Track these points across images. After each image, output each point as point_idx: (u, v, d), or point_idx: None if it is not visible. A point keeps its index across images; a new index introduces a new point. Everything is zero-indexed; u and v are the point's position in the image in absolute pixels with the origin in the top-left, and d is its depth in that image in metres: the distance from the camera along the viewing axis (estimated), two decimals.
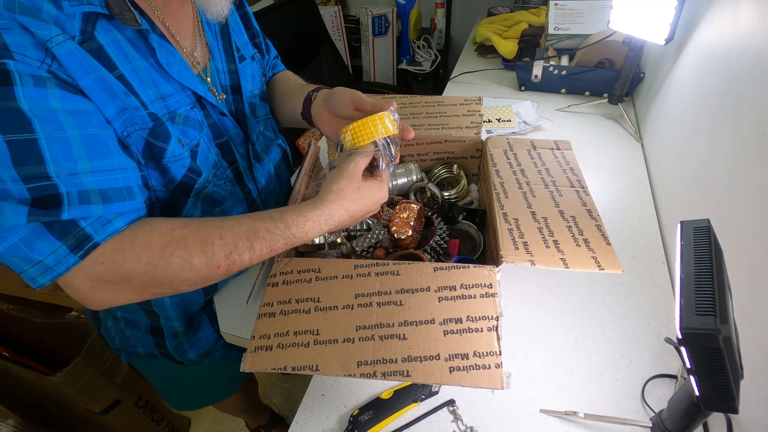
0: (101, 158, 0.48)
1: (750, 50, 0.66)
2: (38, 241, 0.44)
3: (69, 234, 0.45)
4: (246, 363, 0.48)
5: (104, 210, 0.47)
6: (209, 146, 0.63)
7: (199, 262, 0.49)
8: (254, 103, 0.74)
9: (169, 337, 0.74)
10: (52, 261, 0.45)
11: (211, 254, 0.49)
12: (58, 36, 0.45)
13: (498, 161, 0.74)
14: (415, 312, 0.51)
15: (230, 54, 0.69)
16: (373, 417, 0.58)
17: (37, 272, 0.45)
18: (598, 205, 0.65)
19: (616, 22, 1.03)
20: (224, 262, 0.50)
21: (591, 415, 0.58)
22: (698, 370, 0.41)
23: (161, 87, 0.55)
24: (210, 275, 0.50)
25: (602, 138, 1.10)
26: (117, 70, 0.51)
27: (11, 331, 1.14)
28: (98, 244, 0.46)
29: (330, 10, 2.02)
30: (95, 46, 0.49)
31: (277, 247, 0.52)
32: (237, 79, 0.69)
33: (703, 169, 0.76)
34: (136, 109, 0.52)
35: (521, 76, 1.28)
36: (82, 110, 0.47)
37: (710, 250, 0.42)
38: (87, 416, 1.18)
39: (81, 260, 0.46)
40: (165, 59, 0.55)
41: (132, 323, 0.74)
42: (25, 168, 0.43)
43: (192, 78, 0.59)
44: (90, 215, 0.46)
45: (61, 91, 0.45)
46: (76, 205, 0.45)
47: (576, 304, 0.73)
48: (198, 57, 0.64)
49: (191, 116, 0.59)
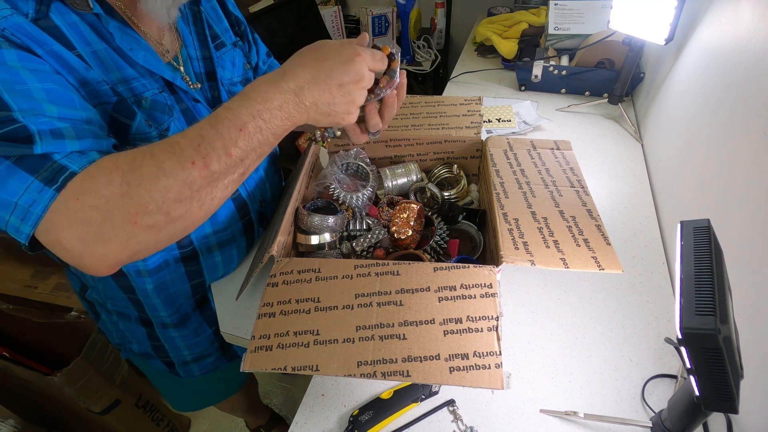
0: (67, 108, 0.46)
1: (750, 50, 0.66)
2: (9, 180, 0.42)
3: (41, 168, 0.42)
4: (246, 363, 0.48)
5: (79, 145, 0.44)
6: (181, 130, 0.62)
7: (171, 163, 0.43)
8: (234, 91, 0.72)
9: (158, 327, 0.74)
10: (26, 200, 0.42)
11: (179, 152, 0.44)
12: (4, 9, 0.45)
13: (498, 161, 0.74)
14: (415, 312, 0.51)
15: (204, 40, 0.68)
16: (373, 417, 0.58)
17: (18, 219, 0.42)
18: (598, 205, 0.65)
19: (616, 22, 1.03)
20: (196, 156, 0.44)
21: (591, 415, 0.58)
22: (698, 370, 0.41)
23: (124, 71, 0.54)
24: (190, 177, 0.44)
25: (602, 138, 1.10)
26: (75, 50, 0.49)
27: (11, 331, 1.14)
28: (75, 173, 0.42)
29: (330, 10, 2.02)
30: (51, 25, 0.48)
31: (244, 120, 0.46)
32: (212, 65, 0.68)
33: (703, 169, 0.76)
34: (98, 84, 0.51)
35: (521, 76, 1.28)
36: (42, 69, 0.46)
37: (710, 250, 0.42)
38: (87, 416, 1.19)
39: (57, 193, 0.42)
40: (127, 45, 0.54)
41: (123, 315, 0.74)
42: None
43: (159, 64, 0.57)
44: (65, 149, 0.44)
45: (17, 51, 0.44)
46: (49, 139, 0.43)
47: (576, 304, 0.73)
48: (167, 45, 0.63)
49: (159, 100, 0.58)
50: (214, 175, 0.45)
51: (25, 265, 1.26)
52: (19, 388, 1.13)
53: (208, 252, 0.72)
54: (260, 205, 0.80)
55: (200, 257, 0.72)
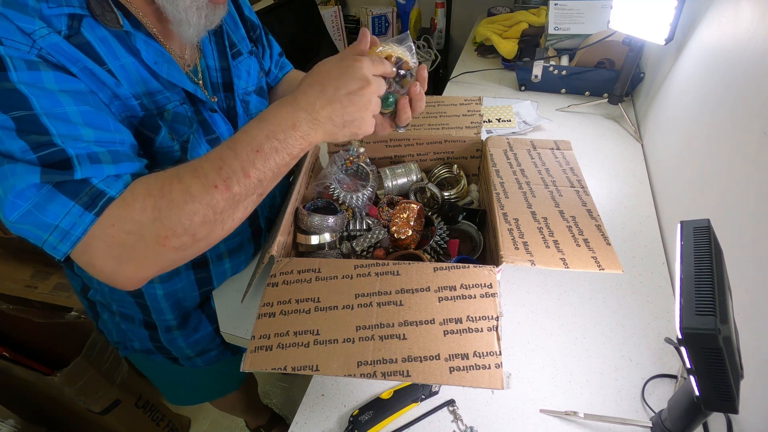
0: (102, 131, 0.48)
1: (750, 50, 0.66)
2: (50, 204, 0.43)
3: (81, 192, 0.44)
4: (246, 363, 0.48)
5: (116, 169, 0.47)
6: (199, 142, 0.63)
7: (197, 188, 0.46)
8: (247, 100, 0.73)
9: (162, 330, 0.74)
10: (67, 223, 0.44)
11: (203, 176, 0.47)
12: (41, 29, 0.46)
13: (498, 161, 0.74)
14: (415, 312, 0.51)
15: (223, 51, 0.69)
16: (373, 417, 0.58)
17: (57, 239, 0.44)
18: (598, 205, 0.65)
19: (616, 22, 1.03)
20: (219, 179, 0.46)
21: (591, 415, 0.58)
22: (698, 370, 0.41)
23: (149, 84, 0.56)
24: (214, 201, 0.47)
25: (602, 138, 1.10)
26: (105, 65, 0.51)
27: (11, 331, 1.14)
28: (113, 198, 0.45)
29: (330, 10, 2.02)
30: (83, 41, 0.49)
31: (260, 141, 0.48)
32: (229, 76, 0.69)
33: (703, 169, 0.76)
34: (127, 99, 0.53)
35: (521, 76, 1.28)
36: (78, 90, 0.48)
37: (710, 250, 0.42)
38: (87, 416, 1.19)
39: (97, 218, 0.44)
40: (152, 58, 0.55)
41: (127, 317, 0.74)
42: (31, 137, 0.43)
43: (181, 76, 0.59)
44: (102, 174, 0.46)
45: (54, 73, 0.46)
46: (88, 164, 0.45)
47: (576, 304, 0.73)
48: (187, 58, 0.65)
49: (180, 112, 0.60)
50: (236, 197, 0.48)
51: (25, 265, 1.26)
52: (19, 388, 1.13)
53: (218, 260, 0.73)
54: (269, 211, 0.80)
55: (210, 265, 0.72)
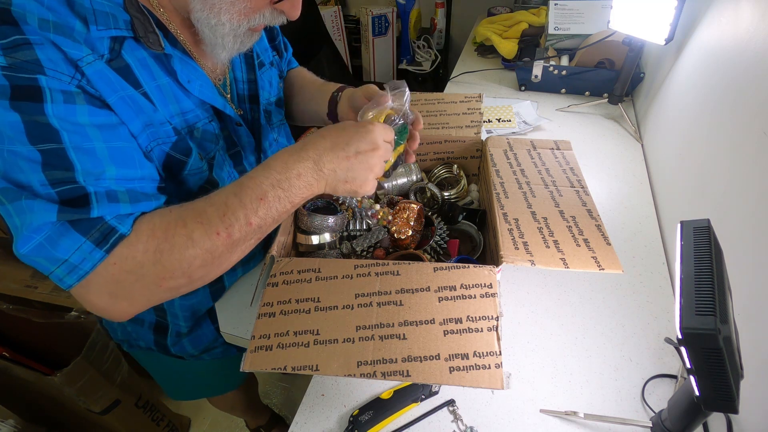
0: (126, 168, 0.49)
1: (750, 50, 0.66)
2: (63, 239, 0.44)
3: (93, 228, 0.45)
4: (246, 363, 0.48)
5: (131, 209, 0.48)
6: (224, 158, 0.64)
7: (199, 233, 0.47)
8: (270, 110, 0.74)
9: (171, 335, 0.74)
10: (77, 258, 0.44)
11: (207, 222, 0.48)
12: (88, 56, 0.47)
13: (498, 161, 0.74)
14: (415, 312, 0.51)
15: (251, 64, 0.70)
16: (373, 417, 0.58)
17: (64, 272, 0.45)
18: (598, 205, 0.65)
19: (616, 22, 1.03)
20: (221, 226, 0.48)
21: (591, 415, 0.58)
22: (698, 370, 0.41)
23: (182, 103, 0.57)
24: (214, 246, 0.48)
25: (602, 138, 1.10)
26: (141, 88, 0.52)
27: (11, 331, 1.14)
28: (124, 235, 0.46)
29: (330, 10, 2.02)
30: (122, 65, 0.50)
31: (265, 189, 0.49)
32: (256, 88, 0.70)
33: (703, 169, 0.76)
34: (162, 125, 0.54)
35: (521, 76, 1.28)
36: (109, 124, 0.48)
37: (710, 250, 0.42)
38: (87, 416, 1.19)
39: (107, 255, 0.45)
40: (186, 77, 0.56)
41: (135, 319, 0.74)
42: (53, 173, 0.44)
43: (212, 93, 0.60)
44: (117, 212, 0.46)
45: (89, 107, 0.47)
46: (105, 203, 0.46)
47: (576, 304, 0.73)
48: (219, 72, 0.66)
49: (209, 130, 0.61)
50: (235, 243, 0.49)
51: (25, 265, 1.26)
52: (19, 388, 1.13)
53: (233, 270, 0.74)
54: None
55: (224, 276, 0.73)
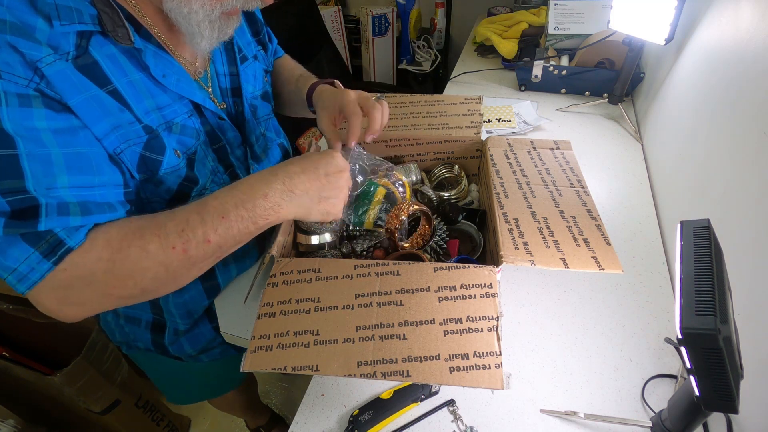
0: (82, 174, 0.47)
1: (750, 50, 0.66)
2: (11, 249, 0.44)
3: (42, 240, 0.44)
4: (246, 363, 0.48)
5: (81, 221, 0.46)
6: (206, 153, 0.63)
7: (155, 246, 0.47)
8: (255, 104, 0.73)
9: (169, 333, 0.74)
10: (25, 268, 0.44)
11: (164, 235, 0.47)
12: (48, 56, 0.45)
13: (498, 161, 0.74)
14: (415, 312, 0.51)
15: (232, 56, 0.68)
16: (373, 417, 0.58)
17: (15, 280, 0.45)
18: (598, 205, 0.65)
19: (616, 22, 1.03)
20: (178, 241, 0.47)
21: (591, 415, 0.58)
22: (698, 370, 0.41)
23: (158, 98, 0.55)
24: (168, 260, 0.48)
25: (602, 138, 1.10)
26: (110, 85, 0.50)
27: (11, 331, 1.13)
28: (72, 248, 0.45)
29: (330, 10, 2.02)
30: (90, 61, 0.49)
31: (227, 208, 0.49)
32: (238, 81, 0.69)
33: (703, 169, 0.76)
34: (131, 124, 0.52)
35: (521, 76, 1.28)
36: (68, 128, 0.47)
37: (710, 250, 0.42)
38: (87, 416, 1.18)
39: (55, 267, 0.44)
40: (160, 71, 0.55)
41: (132, 319, 0.74)
42: (4, 182, 0.43)
43: (190, 87, 0.58)
44: (67, 225, 0.45)
45: (46, 110, 0.45)
46: (54, 216, 0.44)
47: (576, 304, 0.73)
48: (198, 64, 0.64)
49: (188, 125, 0.59)
50: (191, 260, 0.49)
51: None
52: (19, 388, 1.13)
53: (225, 266, 0.73)
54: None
55: (216, 272, 0.72)
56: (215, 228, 0.49)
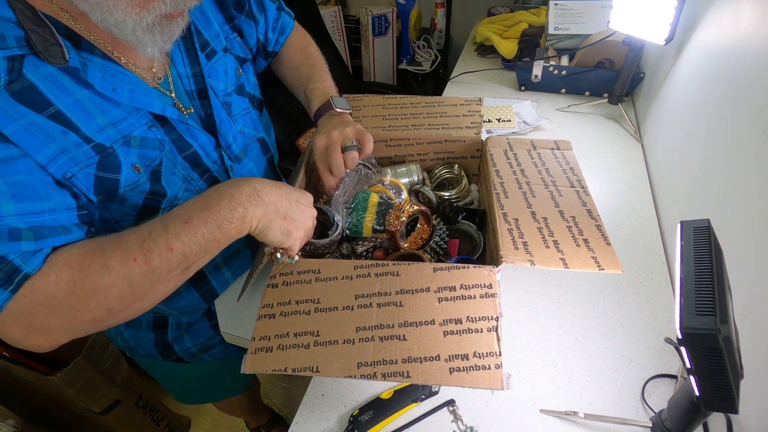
0: (29, 201, 0.45)
1: (750, 50, 0.66)
2: None
3: None
4: (246, 365, 0.48)
5: (35, 245, 0.44)
6: (174, 162, 0.60)
7: (116, 261, 0.44)
8: (229, 101, 0.69)
9: (172, 328, 0.73)
10: None
11: (125, 248, 0.45)
12: None
13: (498, 161, 0.74)
14: (415, 313, 0.51)
15: (193, 57, 0.64)
16: (373, 417, 0.58)
17: None
18: (598, 205, 0.65)
19: (616, 22, 1.03)
20: (139, 252, 0.45)
21: (591, 415, 0.58)
22: (698, 370, 0.41)
23: (110, 113, 0.52)
24: (131, 274, 0.45)
25: (602, 138, 1.10)
26: (52, 107, 0.47)
27: None
28: (29, 275, 0.43)
29: (330, 10, 2.02)
30: (26, 85, 0.46)
31: (191, 214, 0.47)
32: (203, 82, 0.64)
33: (703, 169, 0.76)
34: (78, 146, 0.49)
35: (521, 76, 1.28)
36: (6, 158, 0.44)
37: (710, 250, 0.42)
38: (87, 416, 1.18)
39: (12, 295, 0.42)
40: (109, 85, 0.52)
41: (133, 322, 0.74)
42: None
43: (146, 96, 0.55)
44: (19, 251, 0.43)
45: None
46: (5, 242, 0.42)
47: (576, 304, 0.73)
48: (156, 69, 0.60)
49: (149, 136, 0.56)
50: (155, 272, 0.46)
51: None
52: (19, 388, 1.13)
53: (216, 270, 0.73)
54: None
55: (209, 276, 0.72)
56: (178, 234, 0.46)
